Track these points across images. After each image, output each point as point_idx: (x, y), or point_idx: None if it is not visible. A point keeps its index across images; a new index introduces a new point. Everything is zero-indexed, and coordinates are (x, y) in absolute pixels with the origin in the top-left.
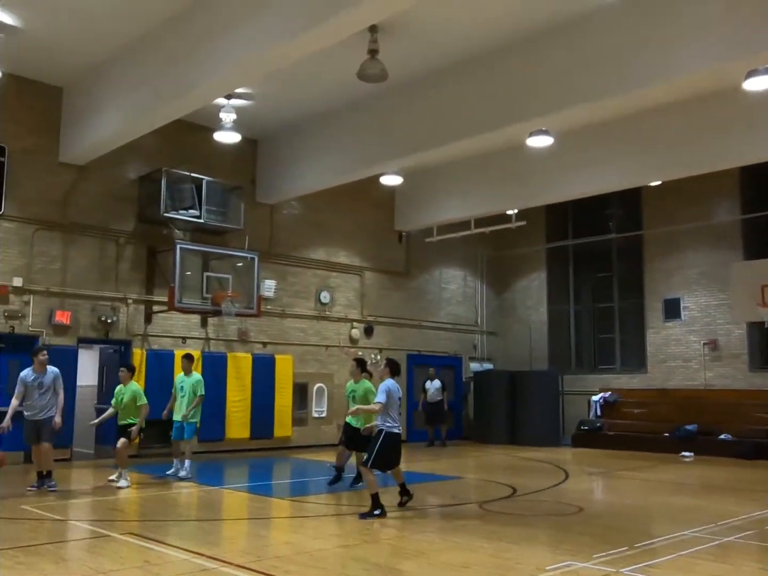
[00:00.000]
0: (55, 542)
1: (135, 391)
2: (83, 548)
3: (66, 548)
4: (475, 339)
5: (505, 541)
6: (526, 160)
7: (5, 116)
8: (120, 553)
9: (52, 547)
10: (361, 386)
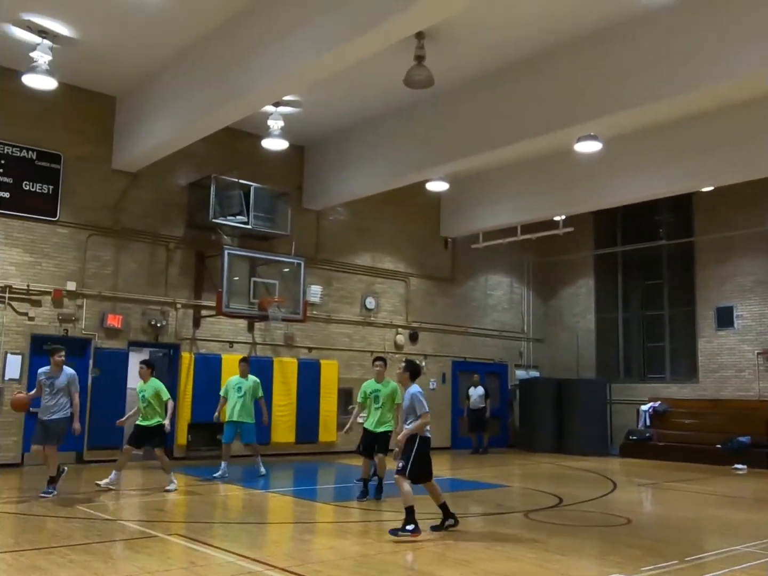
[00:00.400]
0: (105, 541)
1: (157, 387)
2: (131, 548)
3: (115, 547)
4: (521, 346)
5: (550, 552)
6: (573, 165)
7: (61, 125)
8: (167, 554)
9: (102, 546)
10: (388, 386)
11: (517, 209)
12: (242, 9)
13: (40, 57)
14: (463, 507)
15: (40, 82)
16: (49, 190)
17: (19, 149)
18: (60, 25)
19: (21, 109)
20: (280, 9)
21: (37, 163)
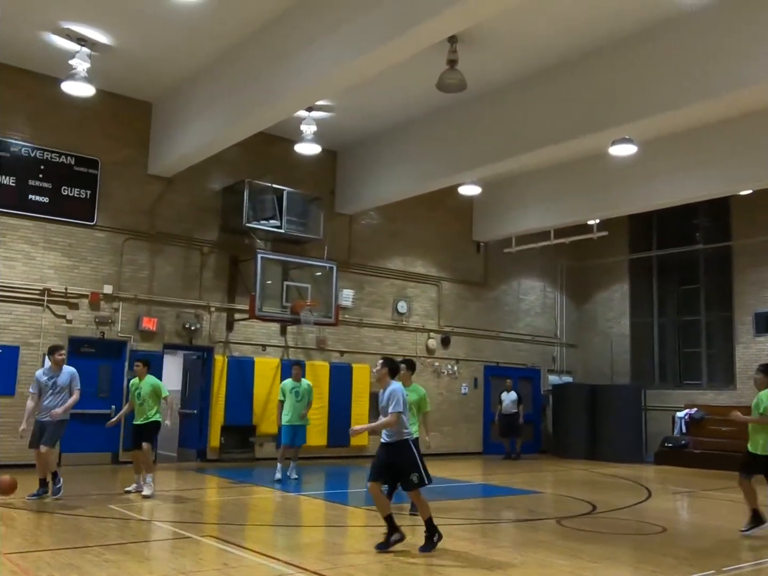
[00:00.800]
0: (140, 542)
1: (154, 384)
2: (165, 548)
3: (149, 548)
4: (554, 351)
5: (583, 559)
6: (608, 168)
7: (99, 131)
8: (200, 555)
9: (136, 546)
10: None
11: (550, 213)
12: (275, 16)
13: (78, 64)
14: (495, 513)
15: (79, 89)
16: (87, 194)
17: (58, 155)
18: (98, 33)
19: (60, 115)
20: (312, 15)
21: (75, 168)
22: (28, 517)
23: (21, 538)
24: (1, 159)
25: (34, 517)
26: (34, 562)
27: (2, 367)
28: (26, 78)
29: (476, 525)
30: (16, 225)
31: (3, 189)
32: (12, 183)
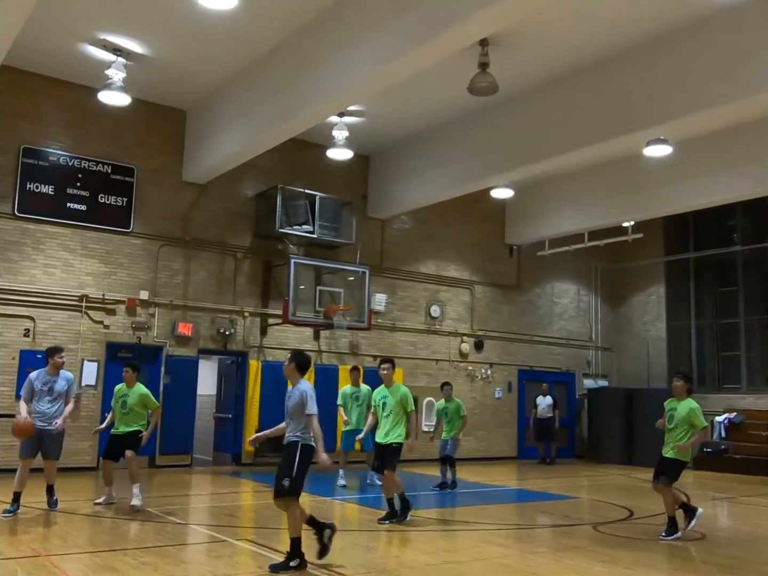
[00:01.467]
0: (176, 545)
1: (143, 394)
2: (201, 551)
3: (186, 551)
4: (589, 355)
5: (620, 566)
6: (643, 170)
7: (135, 139)
8: (235, 558)
9: (173, 549)
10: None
11: (584, 215)
12: (306, 23)
13: (114, 74)
14: (530, 518)
15: (115, 98)
16: (123, 202)
17: (95, 163)
18: (133, 42)
19: (97, 125)
20: (343, 21)
21: (111, 176)
22: (67, 520)
23: (60, 540)
24: (41, 168)
25: (72, 520)
26: (73, 564)
27: None
28: (64, 89)
29: (511, 530)
30: (55, 233)
31: (42, 197)
32: (51, 191)
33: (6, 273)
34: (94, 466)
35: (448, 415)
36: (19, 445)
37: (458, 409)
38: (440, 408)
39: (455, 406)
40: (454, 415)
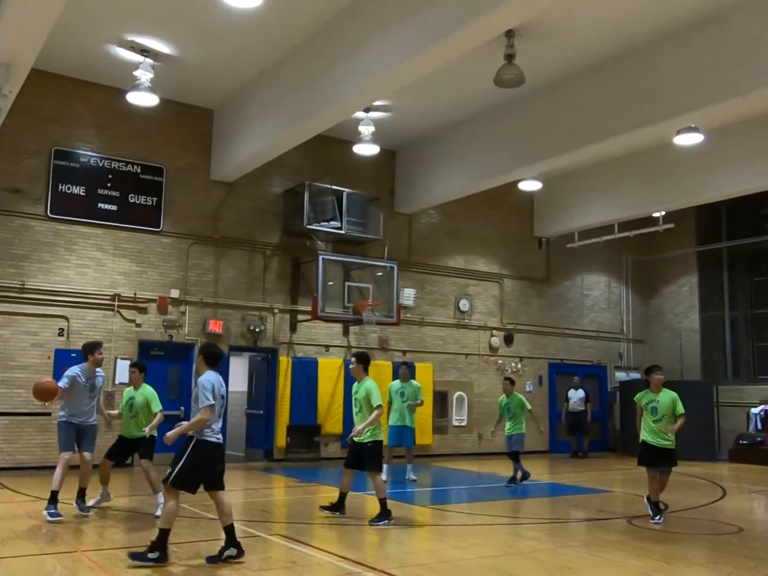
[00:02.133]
0: (210, 540)
1: (149, 396)
2: None
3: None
4: (621, 347)
5: (656, 560)
6: (673, 159)
7: (163, 139)
8: (268, 553)
9: (207, 544)
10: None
11: (613, 206)
12: (330, 19)
13: (142, 75)
14: (563, 512)
15: (143, 99)
16: (153, 201)
17: (125, 164)
18: (160, 43)
19: (126, 125)
20: (367, 15)
21: (141, 176)
22: (103, 516)
23: (97, 536)
24: (72, 170)
25: (108, 516)
26: (110, 560)
27: None
28: (94, 91)
29: (544, 524)
30: (88, 233)
31: (74, 198)
32: (82, 193)
33: (40, 273)
34: (129, 463)
35: (510, 411)
36: (58, 443)
37: (521, 404)
38: (502, 404)
39: (517, 402)
40: (518, 410)
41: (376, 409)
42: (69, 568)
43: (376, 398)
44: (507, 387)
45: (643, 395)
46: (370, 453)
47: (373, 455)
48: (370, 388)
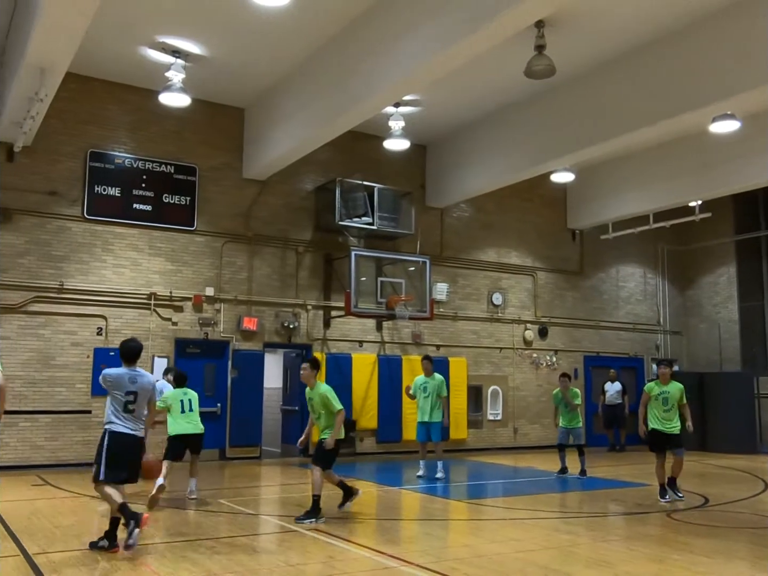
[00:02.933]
0: (249, 535)
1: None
2: (273, 541)
3: (258, 541)
4: (658, 339)
5: (697, 554)
6: (709, 147)
7: (195, 139)
8: (306, 548)
9: (245, 539)
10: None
11: (648, 197)
12: (359, 15)
13: (174, 76)
14: (601, 506)
15: (175, 99)
16: (187, 201)
17: (158, 164)
18: (191, 44)
19: (159, 126)
20: (396, 11)
21: (175, 176)
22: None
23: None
24: (107, 171)
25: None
26: (151, 554)
27: None
28: (127, 92)
29: (582, 518)
30: (124, 233)
31: (110, 200)
32: (118, 193)
33: (78, 274)
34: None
35: (568, 405)
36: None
37: (575, 398)
38: (557, 397)
39: (572, 395)
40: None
41: (338, 414)
42: (111, 561)
43: (336, 403)
44: (564, 382)
45: (654, 385)
46: (321, 447)
47: (323, 450)
48: (326, 394)
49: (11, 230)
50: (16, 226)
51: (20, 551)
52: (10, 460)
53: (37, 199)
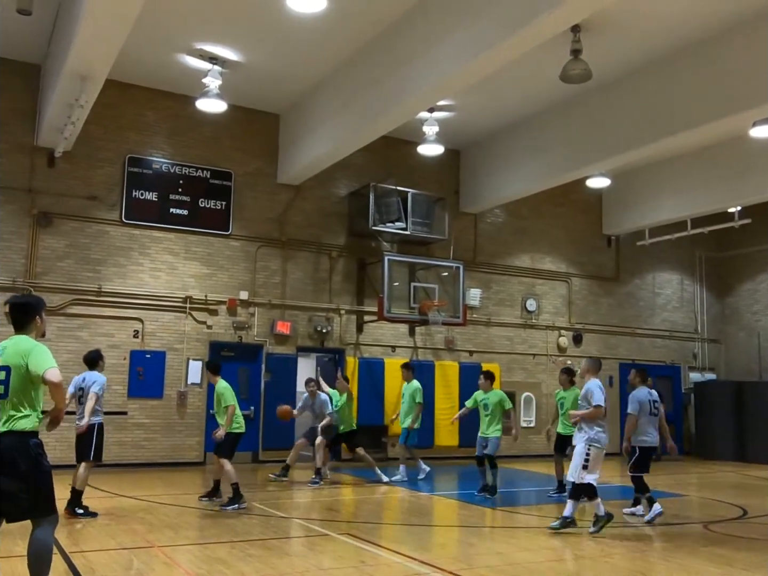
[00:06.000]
0: (281, 538)
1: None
2: (305, 545)
3: (290, 544)
4: (695, 347)
5: (735, 567)
6: (749, 151)
7: (231, 144)
8: (338, 552)
9: (277, 542)
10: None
11: (686, 202)
12: (394, 20)
13: (211, 82)
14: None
15: (212, 105)
16: (222, 206)
17: (195, 169)
18: (228, 50)
19: (196, 132)
20: (431, 15)
21: (211, 181)
22: (178, 513)
23: (172, 532)
24: (145, 176)
25: (184, 513)
26: (184, 555)
27: (152, 372)
28: (165, 99)
29: (616, 528)
30: (160, 237)
31: (148, 204)
32: (155, 198)
33: (116, 277)
34: (201, 461)
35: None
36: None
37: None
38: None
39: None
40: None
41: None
42: (146, 563)
43: (227, 399)
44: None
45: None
46: (223, 441)
47: (226, 443)
48: (223, 392)
49: (52, 234)
50: (56, 230)
51: (57, 550)
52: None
53: (77, 203)
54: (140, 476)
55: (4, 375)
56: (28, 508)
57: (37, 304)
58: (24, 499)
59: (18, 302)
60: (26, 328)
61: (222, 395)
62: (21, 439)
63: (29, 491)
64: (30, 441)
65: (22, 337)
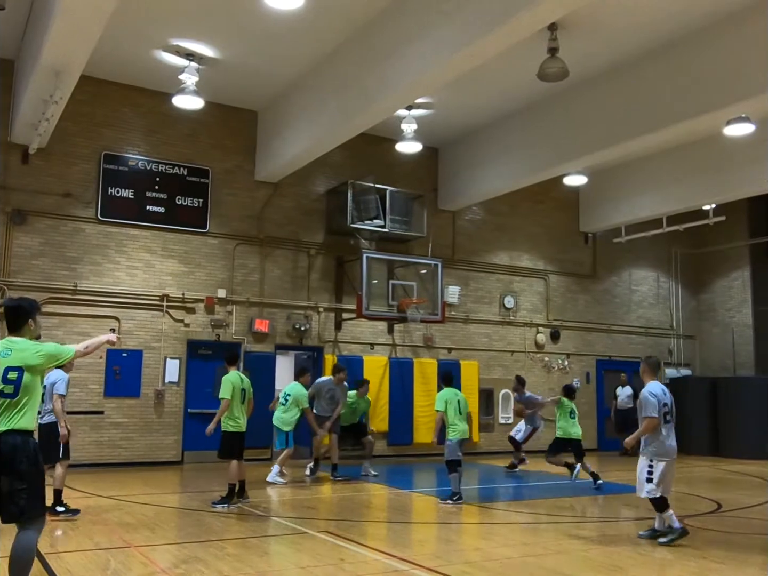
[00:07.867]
0: (260, 536)
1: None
2: (284, 543)
3: (269, 542)
4: (671, 343)
5: (709, 560)
6: (723, 150)
7: (208, 141)
8: (317, 550)
9: (256, 540)
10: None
11: (661, 200)
12: (371, 18)
13: (187, 78)
14: (613, 511)
15: (189, 102)
16: (200, 203)
17: (171, 166)
18: (205, 47)
19: (172, 129)
20: (409, 14)
21: (188, 178)
22: (156, 512)
23: (149, 531)
24: (121, 173)
25: (161, 512)
26: (162, 555)
27: (128, 371)
28: (141, 95)
29: (593, 523)
30: (137, 235)
31: (124, 202)
32: (131, 196)
33: (92, 275)
34: (179, 461)
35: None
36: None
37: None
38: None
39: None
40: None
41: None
42: (123, 563)
43: (222, 391)
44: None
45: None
46: (220, 442)
47: (221, 443)
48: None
49: (26, 232)
50: (31, 228)
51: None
52: None
53: (52, 201)
54: (117, 476)
55: (15, 375)
56: (26, 508)
57: (29, 307)
58: (23, 499)
59: (10, 305)
60: (19, 330)
61: (221, 385)
62: (22, 438)
63: (28, 491)
64: (30, 440)
65: (21, 340)
